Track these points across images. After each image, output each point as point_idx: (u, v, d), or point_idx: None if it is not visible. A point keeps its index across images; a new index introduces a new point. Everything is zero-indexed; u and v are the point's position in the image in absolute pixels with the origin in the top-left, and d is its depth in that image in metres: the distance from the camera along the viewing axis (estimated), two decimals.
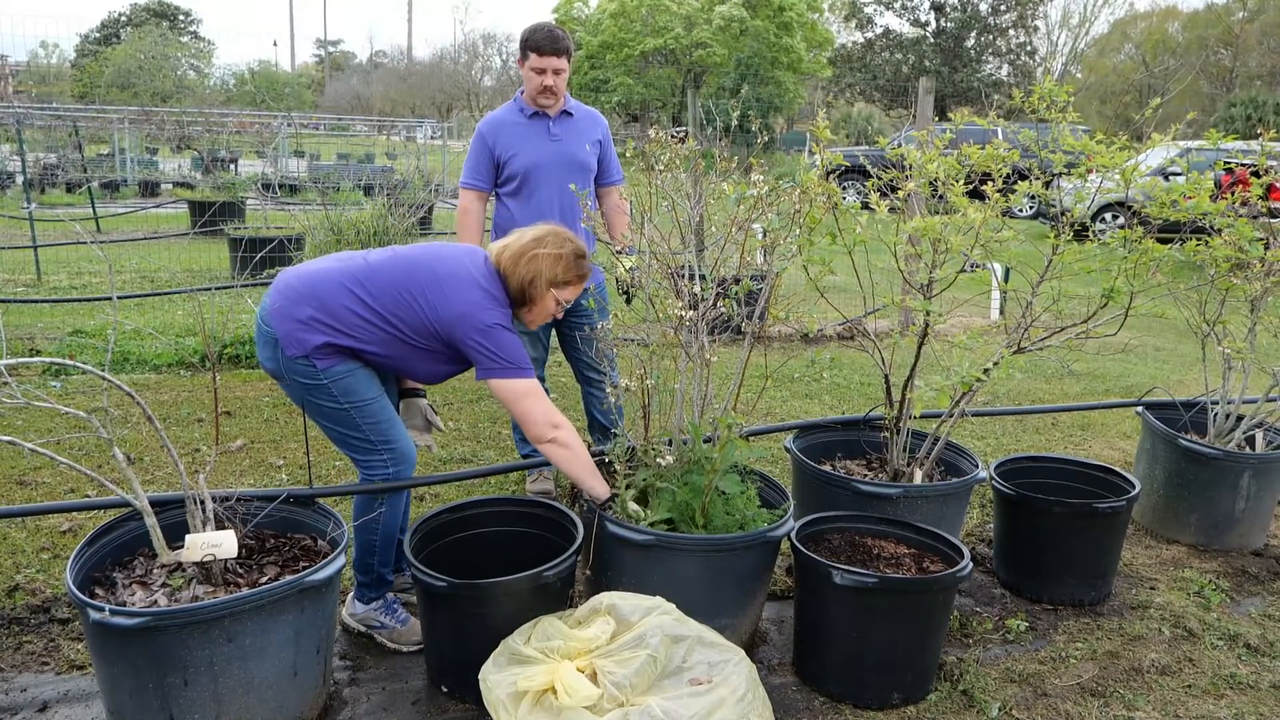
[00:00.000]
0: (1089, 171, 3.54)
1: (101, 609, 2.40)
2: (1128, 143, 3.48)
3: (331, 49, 69.73)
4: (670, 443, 3.23)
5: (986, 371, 3.24)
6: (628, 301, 4.19)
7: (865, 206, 3.49)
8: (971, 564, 3.04)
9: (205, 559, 2.65)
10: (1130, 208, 3.87)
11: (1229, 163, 7.62)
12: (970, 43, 38.02)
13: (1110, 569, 3.74)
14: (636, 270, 3.44)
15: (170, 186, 17.33)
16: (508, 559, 3.20)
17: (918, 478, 3.67)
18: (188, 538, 2.66)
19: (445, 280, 2.92)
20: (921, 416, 4.41)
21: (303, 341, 2.87)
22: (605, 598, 2.72)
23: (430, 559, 3.07)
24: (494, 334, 2.87)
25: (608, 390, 3.34)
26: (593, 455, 3.36)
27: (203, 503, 2.74)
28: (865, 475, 3.83)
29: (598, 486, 3.05)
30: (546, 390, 4.60)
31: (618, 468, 3.20)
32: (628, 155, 3.41)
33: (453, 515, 3.23)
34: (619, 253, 3.57)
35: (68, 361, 2.73)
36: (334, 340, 2.88)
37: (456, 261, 3.00)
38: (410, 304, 2.89)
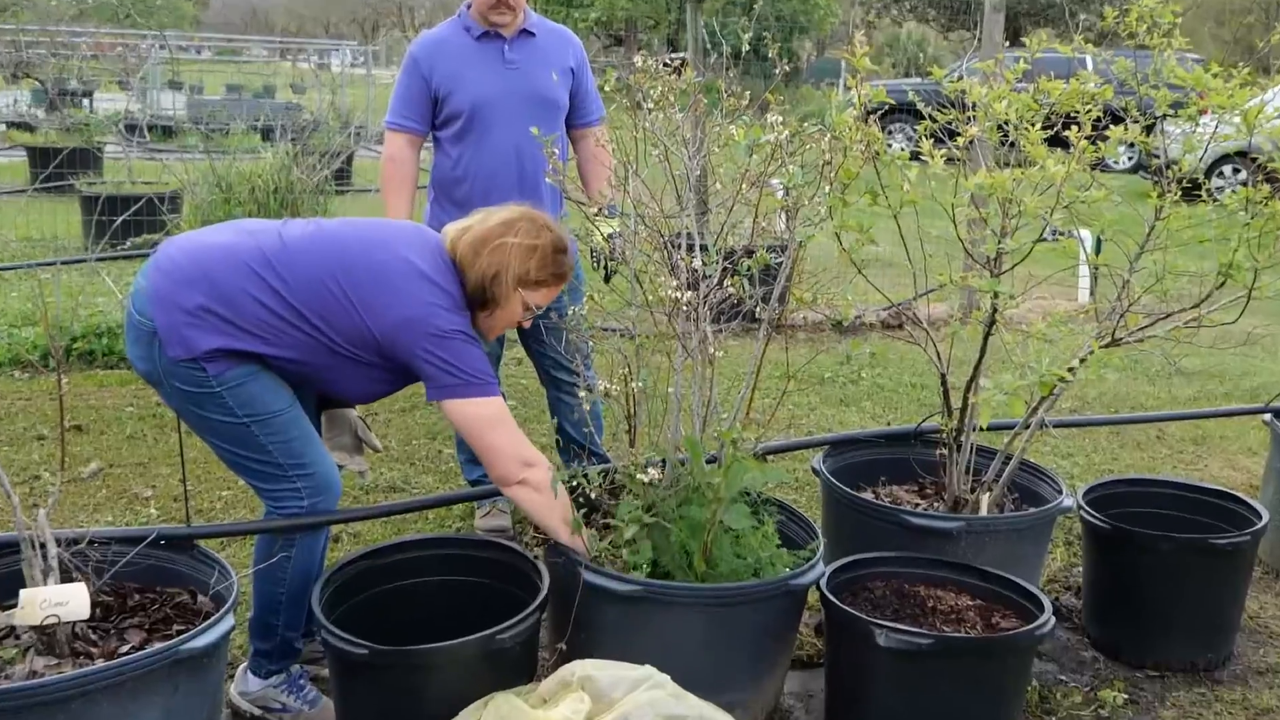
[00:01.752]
0: (1201, 113, 3.56)
1: None
2: (1251, 76, 3.50)
3: None
4: (663, 464, 3.23)
5: (1072, 370, 3.25)
6: (607, 280, 4.19)
7: (915, 157, 3.50)
8: (1054, 619, 3.05)
9: (47, 622, 2.60)
10: (1254, 160, 3.89)
11: None
12: None
13: (1232, 623, 3.77)
14: (619, 238, 3.43)
15: (2, 129, 17.22)
16: (451, 618, 3.20)
17: (984, 507, 3.69)
18: (23, 594, 2.59)
19: (387, 273, 2.91)
20: (989, 428, 4.42)
21: (190, 341, 2.84)
22: (579, 667, 2.72)
23: (348, 618, 3.05)
24: (452, 343, 2.88)
25: (581, 396, 3.34)
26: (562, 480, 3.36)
27: (43, 546, 2.68)
28: (917, 505, 3.84)
29: (577, 543, 3.06)
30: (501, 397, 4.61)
31: (593, 496, 3.20)
32: (608, 89, 3.41)
33: (378, 561, 3.22)
34: (596, 215, 3.57)
35: None
36: (233, 344, 2.86)
37: (401, 247, 2.99)
38: (339, 301, 2.89)
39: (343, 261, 2.91)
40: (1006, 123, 3.54)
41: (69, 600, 2.62)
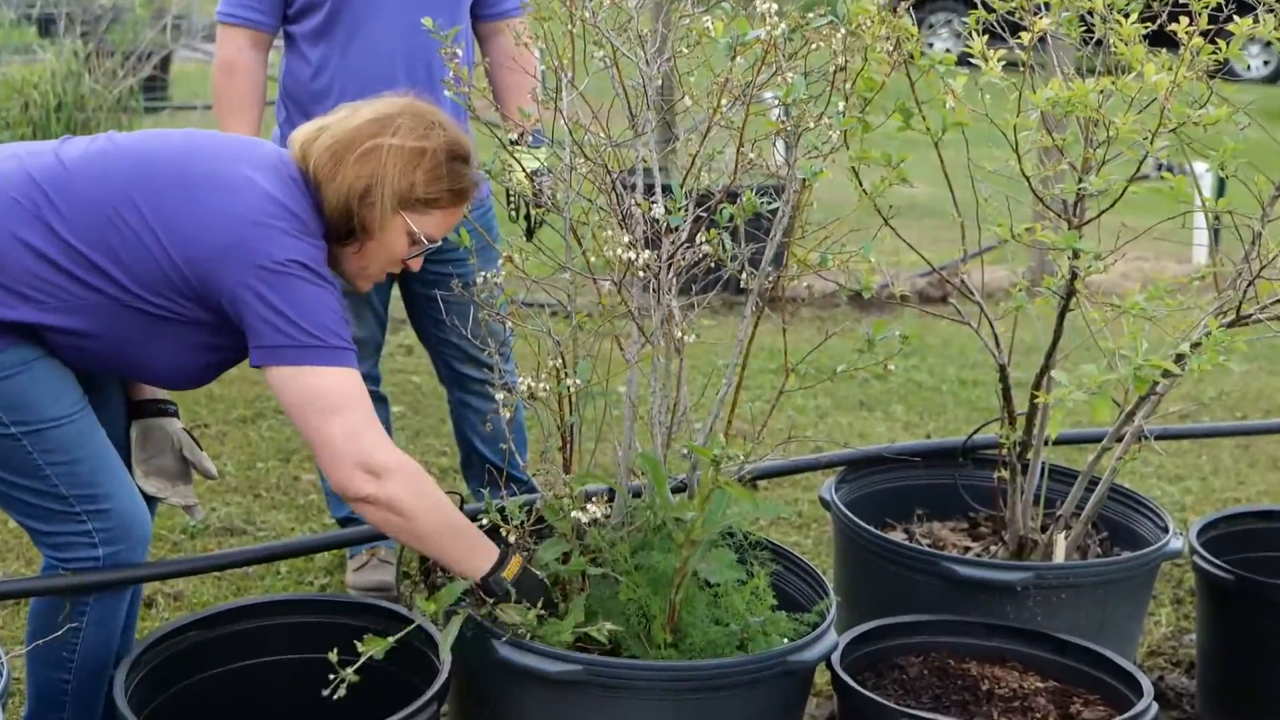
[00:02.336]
0: None
1: None
2: None
3: None
4: (611, 493, 3.23)
5: (1181, 358, 3.28)
6: (529, 234, 4.18)
7: (964, 61, 3.51)
8: (1157, 706, 3.08)
9: None
10: None
11: None
12: None
13: None
14: (547, 177, 3.41)
15: None
16: (312, 713, 3.19)
17: (1060, 551, 3.71)
18: None
19: (202, 186, 2.91)
20: (1063, 441, 4.44)
21: None
22: None
23: (165, 715, 3.04)
24: (289, 282, 2.86)
25: (498, 399, 3.33)
26: (467, 514, 3.36)
27: None
28: (967, 549, 3.86)
29: (469, 559, 3.05)
30: (382, 401, 4.60)
31: (512, 539, 3.20)
32: None
33: (209, 634, 3.20)
34: (515, 144, 3.55)
35: None
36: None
37: (225, 156, 3.00)
38: (135, 234, 2.87)
39: (143, 180, 2.91)
40: (1090, 11, 3.55)
41: None
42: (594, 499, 3.12)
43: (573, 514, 3.11)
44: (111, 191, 2.89)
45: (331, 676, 2.88)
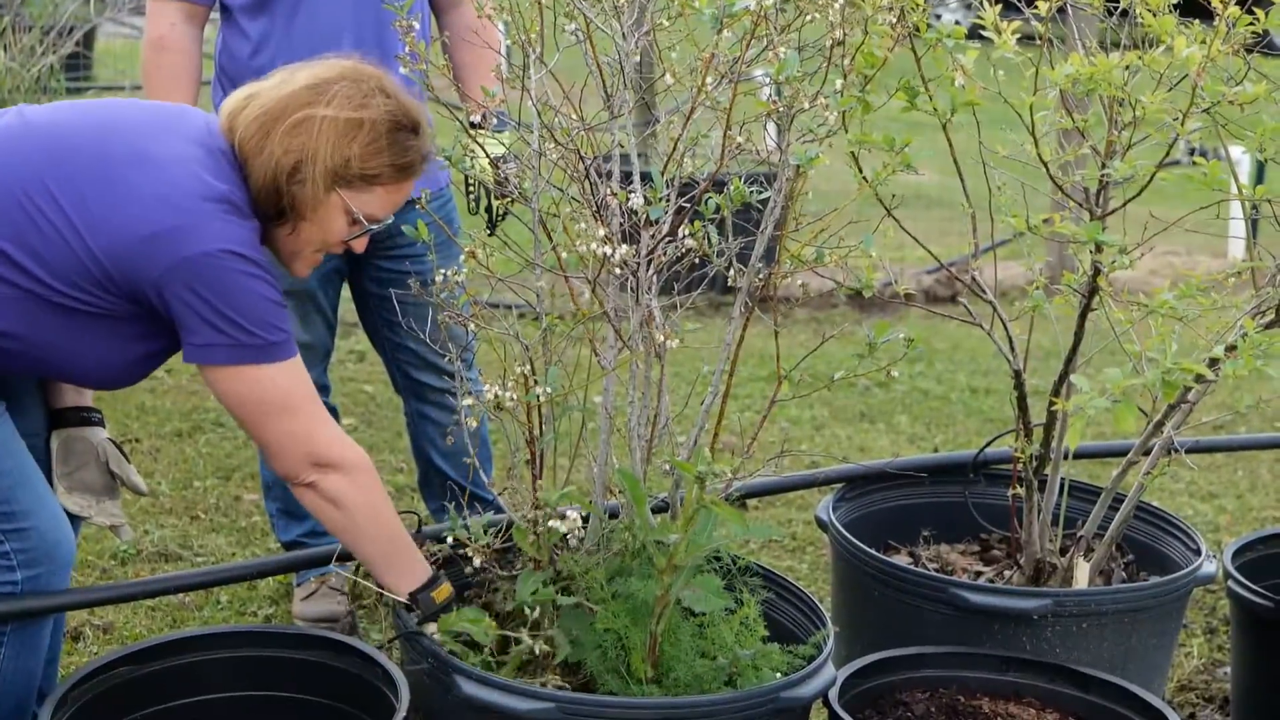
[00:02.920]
0: None
1: None
2: None
3: None
4: (586, 515, 3.23)
5: (1215, 363, 3.29)
6: (492, 228, 4.19)
7: (975, 34, 3.52)
8: None
9: None
10: None
11: None
12: None
13: None
14: (512, 163, 3.42)
15: None
16: None
17: (1081, 576, 3.72)
18: None
19: (124, 165, 2.90)
20: (1084, 454, 4.45)
21: None
22: None
23: None
24: (220, 273, 2.85)
25: (460, 406, 3.33)
26: (424, 535, 3.36)
27: None
28: (979, 574, 3.87)
29: (399, 570, 3.11)
30: (331, 413, 4.59)
31: (477, 563, 3.20)
32: None
33: (142, 669, 3.20)
34: (476, 127, 3.56)
35: None
36: None
37: (149, 130, 3.00)
38: (47, 219, 2.87)
39: (59, 161, 2.90)
40: None
41: None
42: (566, 519, 3.13)
43: (550, 522, 3.12)
44: (23, 176, 2.88)
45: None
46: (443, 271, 3.30)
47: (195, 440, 5.93)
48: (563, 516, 3.14)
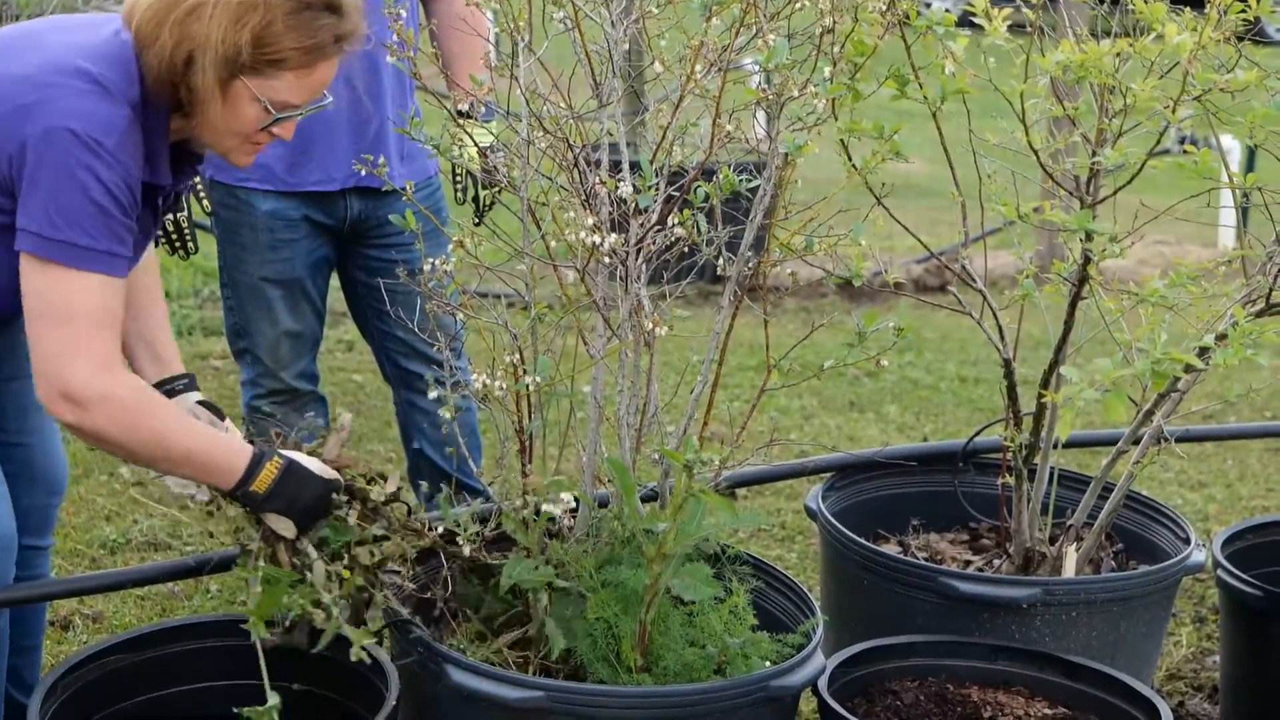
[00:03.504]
0: None
1: None
2: None
3: None
4: (576, 503, 3.23)
5: (1205, 352, 3.29)
6: (479, 216, 4.17)
7: (965, 21, 3.51)
8: None
9: None
10: None
11: None
12: None
13: None
14: (500, 153, 3.41)
15: None
16: None
17: (1070, 565, 3.72)
18: None
19: (15, 53, 2.89)
20: (1074, 444, 4.45)
21: None
22: None
23: None
24: (59, 154, 2.77)
25: (446, 399, 3.32)
26: (414, 524, 3.34)
27: None
28: (968, 563, 3.87)
29: (208, 478, 2.99)
30: (320, 402, 4.57)
31: (467, 551, 3.20)
32: None
33: (132, 658, 3.20)
34: (464, 115, 3.55)
35: None
36: None
37: (57, 27, 3.01)
38: None
39: None
40: None
41: None
42: (555, 507, 3.13)
43: (544, 506, 3.12)
44: None
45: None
46: (431, 261, 3.29)
47: None
48: (551, 509, 3.13)
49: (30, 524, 3.39)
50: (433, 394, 3.30)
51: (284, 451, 3.04)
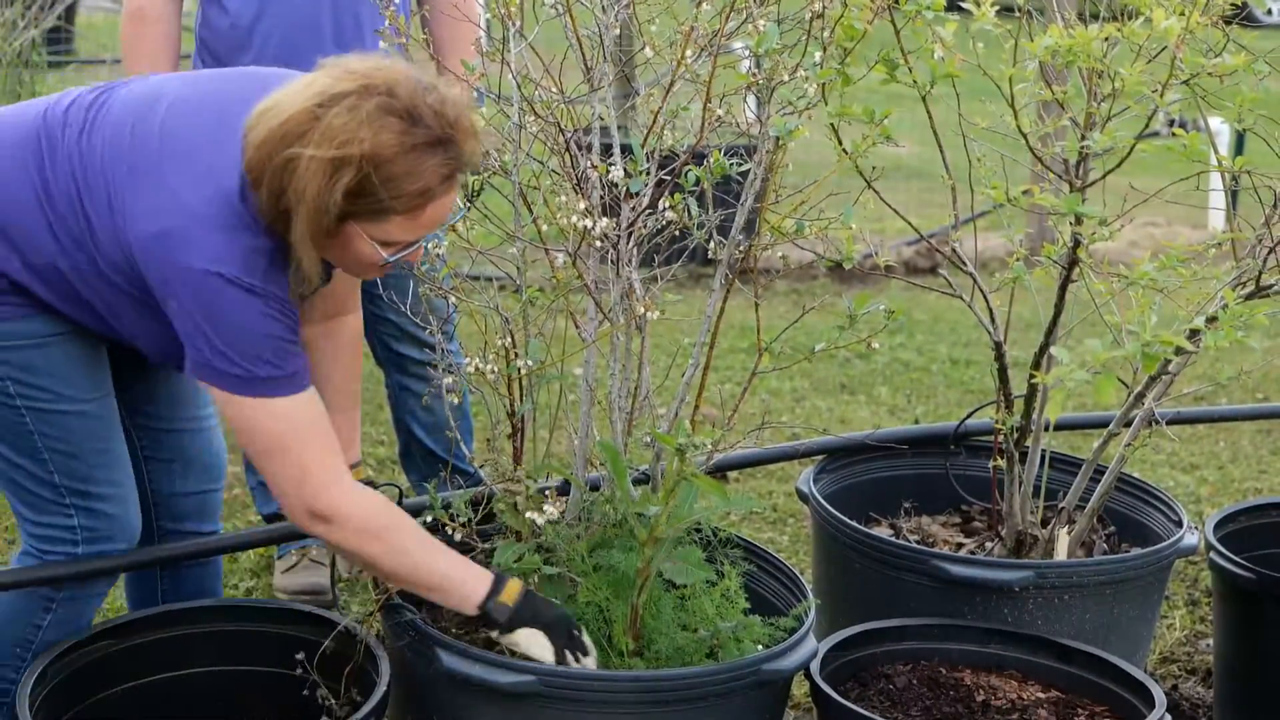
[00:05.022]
0: None
1: None
2: None
3: None
4: (566, 486, 3.22)
5: (1195, 334, 3.29)
6: (469, 200, 4.17)
7: (954, 6, 3.51)
8: (1171, 718, 3.08)
9: None
10: None
11: None
12: None
13: None
14: (492, 136, 3.41)
15: None
16: None
17: (1062, 548, 3.72)
18: None
19: (153, 159, 2.85)
20: (1065, 426, 4.45)
21: None
22: None
23: None
24: (210, 293, 2.77)
25: (438, 380, 3.32)
26: (407, 509, 3.34)
27: None
28: (960, 545, 3.87)
29: (453, 594, 3.00)
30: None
31: (458, 537, 3.20)
32: None
33: (121, 644, 3.20)
34: None
35: None
36: (8, 269, 2.91)
37: (206, 123, 2.89)
38: (89, 201, 2.87)
39: (118, 139, 2.88)
40: None
41: None
42: (547, 492, 3.13)
43: (528, 514, 3.12)
44: (90, 154, 2.90)
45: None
46: (424, 244, 3.29)
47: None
48: (543, 495, 3.13)
49: (188, 510, 3.49)
50: (447, 379, 3.29)
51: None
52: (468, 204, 3.49)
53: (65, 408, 3.01)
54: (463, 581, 2.99)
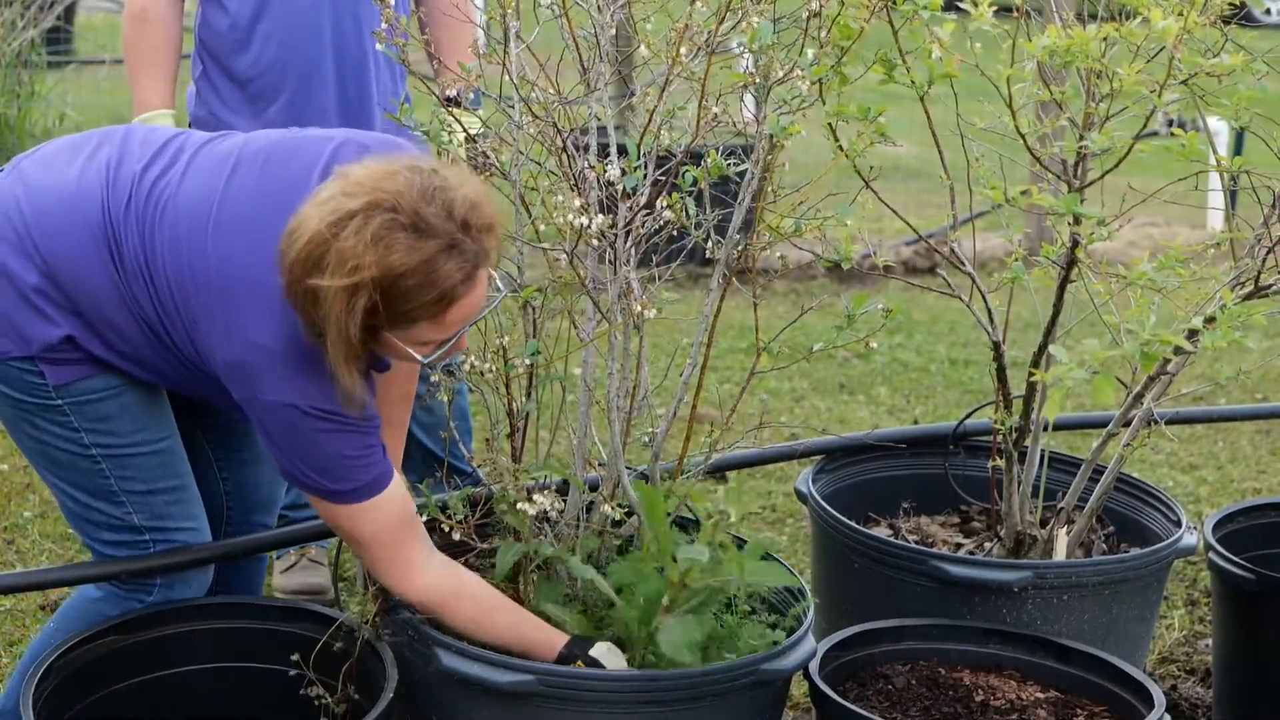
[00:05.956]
0: None
1: None
2: None
3: None
4: (564, 485, 3.23)
5: (1194, 334, 3.28)
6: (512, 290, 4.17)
7: (952, 5, 3.50)
8: (1170, 718, 3.08)
9: None
10: None
11: None
12: None
13: None
14: (489, 138, 3.40)
15: None
16: None
17: (1061, 548, 3.72)
18: None
19: (214, 289, 2.87)
20: (1064, 426, 4.44)
21: (25, 331, 2.93)
22: None
23: None
24: (286, 423, 2.84)
25: (436, 381, 3.32)
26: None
27: None
28: (959, 545, 3.87)
29: (534, 653, 3.06)
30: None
31: (456, 536, 3.20)
32: None
33: (125, 640, 3.20)
34: (452, 102, 3.54)
35: None
36: (82, 338, 2.95)
37: (255, 242, 2.86)
38: (168, 321, 2.93)
39: (190, 239, 2.90)
40: None
41: None
42: (543, 491, 3.13)
43: (517, 505, 3.12)
44: (159, 247, 2.94)
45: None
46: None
47: None
48: (540, 494, 3.13)
49: (259, 501, 3.61)
50: (437, 378, 3.29)
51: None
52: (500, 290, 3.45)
53: (141, 450, 3.09)
54: (543, 646, 3.08)
